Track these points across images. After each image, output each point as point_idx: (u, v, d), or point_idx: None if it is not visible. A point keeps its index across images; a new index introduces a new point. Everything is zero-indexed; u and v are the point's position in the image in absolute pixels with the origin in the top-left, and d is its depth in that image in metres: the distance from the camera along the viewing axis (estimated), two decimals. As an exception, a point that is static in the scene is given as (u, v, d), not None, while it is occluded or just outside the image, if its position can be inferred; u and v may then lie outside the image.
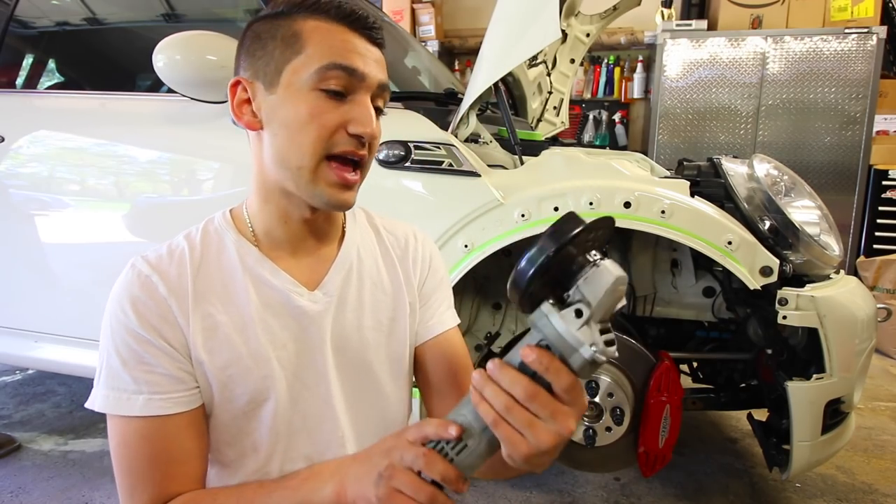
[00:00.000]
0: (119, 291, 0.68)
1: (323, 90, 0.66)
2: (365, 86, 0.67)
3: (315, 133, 0.66)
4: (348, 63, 0.66)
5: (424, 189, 1.54)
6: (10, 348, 1.97)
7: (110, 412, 0.65)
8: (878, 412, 2.42)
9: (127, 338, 0.65)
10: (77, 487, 1.79)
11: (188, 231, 0.74)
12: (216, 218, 0.75)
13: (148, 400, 0.64)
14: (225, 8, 2.11)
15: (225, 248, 0.72)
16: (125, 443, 0.65)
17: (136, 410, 0.64)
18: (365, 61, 0.67)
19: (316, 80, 0.65)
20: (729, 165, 1.57)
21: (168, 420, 0.65)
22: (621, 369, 1.54)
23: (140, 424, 0.64)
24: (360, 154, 0.68)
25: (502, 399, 0.49)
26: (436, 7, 4.71)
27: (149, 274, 0.68)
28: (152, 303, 0.66)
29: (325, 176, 0.67)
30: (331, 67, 0.65)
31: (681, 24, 3.98)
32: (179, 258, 0.70)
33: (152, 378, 0.65)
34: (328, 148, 0.66)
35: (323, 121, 0.66)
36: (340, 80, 0.66)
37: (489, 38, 1.47)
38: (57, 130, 1.93)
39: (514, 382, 0.49)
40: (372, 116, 0.67)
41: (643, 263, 1.80)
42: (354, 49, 0.67)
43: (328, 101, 0.66)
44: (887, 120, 3.91)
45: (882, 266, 3.30)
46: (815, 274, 1.48)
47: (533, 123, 2.48)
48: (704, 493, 1.79)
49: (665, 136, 4.02)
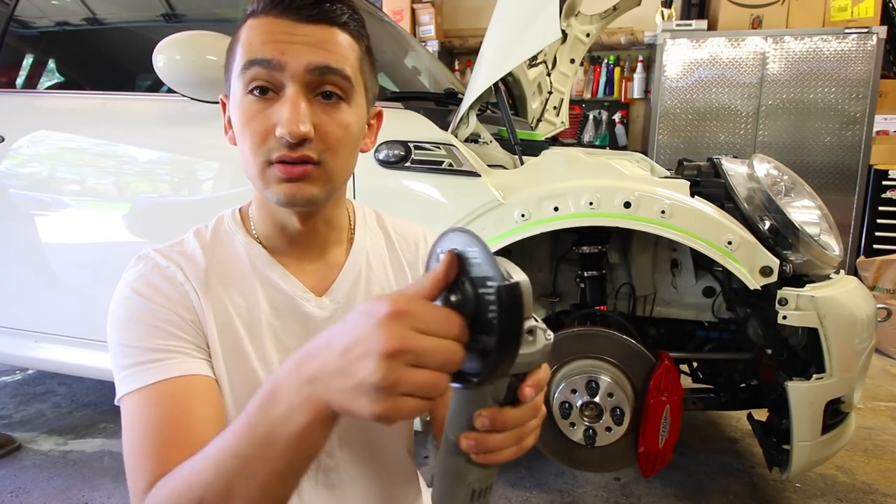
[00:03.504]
0: (131, 279, 0.66)
1: (250, 92, 0.62)
2: (287, 75, 0.60)
3: (249, 141, 0.62)
4: (261, 55, 0.60)
5: (424, 189, 1.54)
6: (10, 348, 1.97)
7: (129, 390, 0.61)
8: (878, 412, 2.42)
9: (142, 315, 0.63)
10: (77, 487, 1.79)
11: (198, 228, 0.73)
12: (226, 217, 0.74)
13: (165, 365, 0.61)
14: (225, 8, 2.11)
15: (235, 249, 0.71)
16: (133, 418, 0.60)
17: (153, 377, 0.60)
18: (284, 48, 0.60)
19: (243, 83, 0.62)
20: (729, 165, 1.57)
21: (185, 380, 0.61)
22: (621, 369, 1.54)
23: (154, 391, 0.60)
24: (293, 157, 0.61)
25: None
26: (436, 7, 4.71)
27: (165, 265, 0.67)
28: (169, 285, 0.65)
29: (273, 175, 0.63)
30: (248, 66, 0.61)
31: (681, 24, 3.98)
32: (191, 253, 0.69)
33: (171, 343, 0.62)
34: (265, 155, 0.62)
35: (252, 127, 0.62)
36: (260, 76, 0.61)
37: (489, 38, 1.47)
38: (57, 130, 1.93)
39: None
40: (298, 112, 0.60)
41: (643, 263, 1.80)
42: (274, 37, 0.60)
43: (256, 104, 0.62)
44: (887, 120, 3.91)
45: (882, 266, 3.30)
46: (815, 274, 1.48)
47: (533, 123, 2.48)
48: (704, 493, 1.79)
49: (665, 136, 4.02)
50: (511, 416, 0.46)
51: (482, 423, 0.45)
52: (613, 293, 1.82)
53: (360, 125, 0.68)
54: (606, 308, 1.68)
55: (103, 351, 1.78)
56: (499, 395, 0.46)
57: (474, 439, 0.46)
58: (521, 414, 0.47)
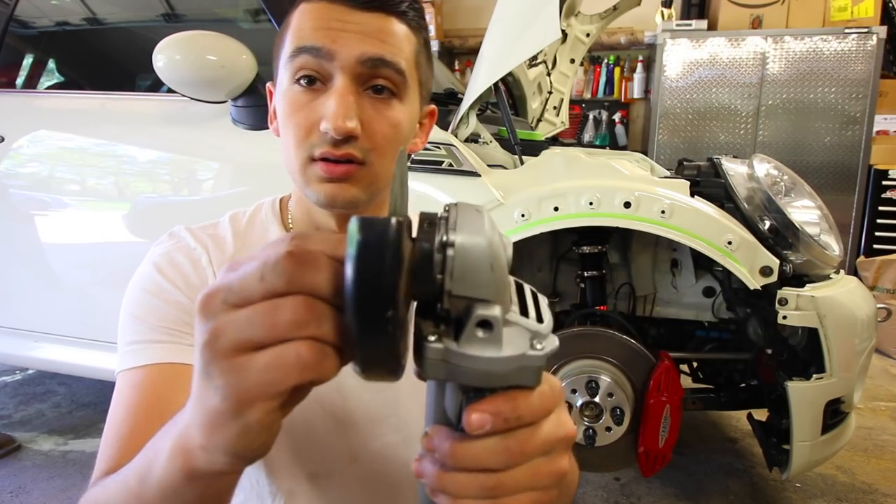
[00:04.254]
0: (157, 254, 0.63)
1: (297, 81, 0.57)
2: (337, 66, 0.56)
3: (292, 134, 0.58)
4: (311, 42, 0.56)
5: (424, 189, 1.54)
6: (10, 348, 1.97)
7: (124, 367, 0.58)
8: (878, 412, 2.42)
9: (156, 292, 0.61)
10: (77, 487, 1.79)
11: (235, 213, 0.70)
12: (265, 206, 0.70)
13: (166, 348, 0.58)
14: (225, 8, 2.11)
15: (267, 240, 0.68)
16: (114, 401, 0.57)
17: (149, 358, 0.58)
18: (335, 35, 0.55)
19: (291, 71, 0.58)
20: (729, 165, 1.57)
21: (180, 368, 0.58)
22: (621, 369, 1.54)
23: (143, 373, 0.57)
24: (336, 154, 0.56)
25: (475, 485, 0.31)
26: (436, 7, 4.71)
27: (193, 246, 0.64)
28: (192, 268, 0.63)
29: (314, 172, 0.58)
30: (296, 53, 0.57)
31: (681, 24, 3.98)
32: (222, 238, 0.67)
33: (178, 327, 0.60)
34: (307, 150, 0.58)
35: (297, 119, 0.57)
36: (308, 64, 0.56)
37: (489, 38, 1.47)
38: (57, 130, 1.93)
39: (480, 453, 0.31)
40: (345, 106, 0.55)
41: (643, 263, 1.80)
42: (325, 24, 0.56)
43: (303, 94, 0.57)
44: (887, 120, 3.91)
45: (882, 266, 3.30)
46: (815, 274, 1.48)
47: (533, 123, 2.48)
48: (704, 493, 1.79)
49: (665, 136, 4.02)
50: (467, 448, 0.30)
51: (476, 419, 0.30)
52: (613, 293, 1.82)
53: (412, 124, 0.63)
54: (606, 308, 1.68)
55: (103, 351, 1.79)
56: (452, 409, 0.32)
57: (427, 472, 0.32)
58: (484, 454, 0.30)
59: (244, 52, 1.50)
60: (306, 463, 0.64)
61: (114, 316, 0.65)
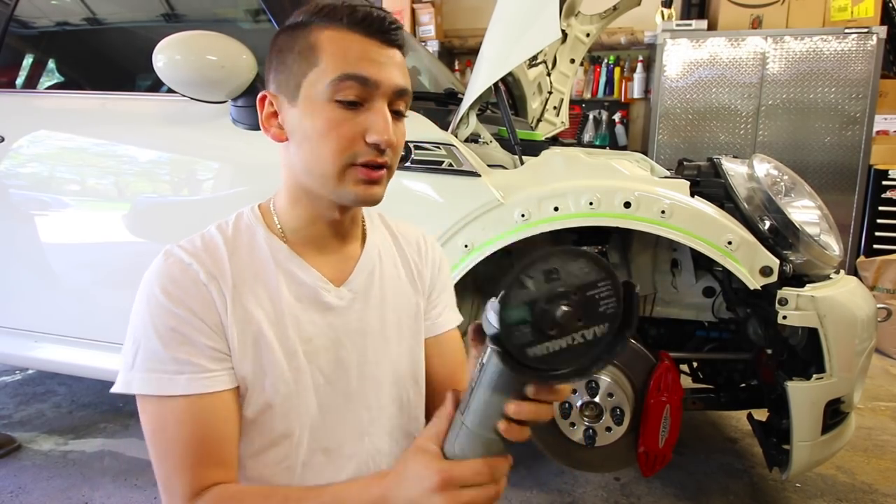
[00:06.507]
0: (156, 276, 0.68)
1: (338, 101, 0.67)
2: (380, 93, 0.68)
3: (334, 144, 0.68)
4: (361, 72, 0.67)
5: (424, 189, 1.54)
6: (10, 348, 1.97)
7: (152, 393, 0.65)
8: (878, 412, 2.42)
9: (167, 320, 0.66)
10: (77, 487, 1.79)
11: (219, 223, 0.76)
12: (245, 213, 0.77)
13: (190, 379, 0.65)
14: (225, 8, 2.11)
15: (256, 243, 0.74)
16: (162, 427, 0.65)
17: (179, 389, 0.64)
18: (379, 68, 0.68)
19: (331, 91, 0.67)
20: (729, 165, 1.57)
21: (208, 399, 0.65)
22: (621, 369, 1.54)
23: (180, 405, 0.65)
24: (380, 161, 0.69)
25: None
26: (436, 7, 4.71)
27: (188, 262, 0.69)
28: (193, 288, 0.67)
29: (352, 176, 0.69)
30: (344, 79, 0.66)
31: (681, 24, 3.98)
32: (214, 249, 0.71)
33: (194, 359, 0.66)
34: (350, 158, 0.68)
35: (341, 132, 0.67)
36: (354, 89, 0.67)
37: (489, 38, 1.47)
38: (57, 130, 1.93)
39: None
40: (388, 123, 0.68)
41: (643, 263, 1.80)
42: (367, 56, 0.68)
43: (344, 112, 0.67)
44: (887, 120, 3.91)
45: (882, 266, 3.30)
46: (815, 274, 1.48)
47: (533, 123, 2.48)
48: (704, 493, 1.79)
49: (665, 136, 4.02)
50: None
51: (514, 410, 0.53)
52: (613, 293, 1.82)
53: None
54: (606, 308, 1.68)
55: (103, 351, 1.79)
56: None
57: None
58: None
59: (244, 52, 1.50)
60: (323, 439, 0.74)
61: (114, 316, 0.65)
